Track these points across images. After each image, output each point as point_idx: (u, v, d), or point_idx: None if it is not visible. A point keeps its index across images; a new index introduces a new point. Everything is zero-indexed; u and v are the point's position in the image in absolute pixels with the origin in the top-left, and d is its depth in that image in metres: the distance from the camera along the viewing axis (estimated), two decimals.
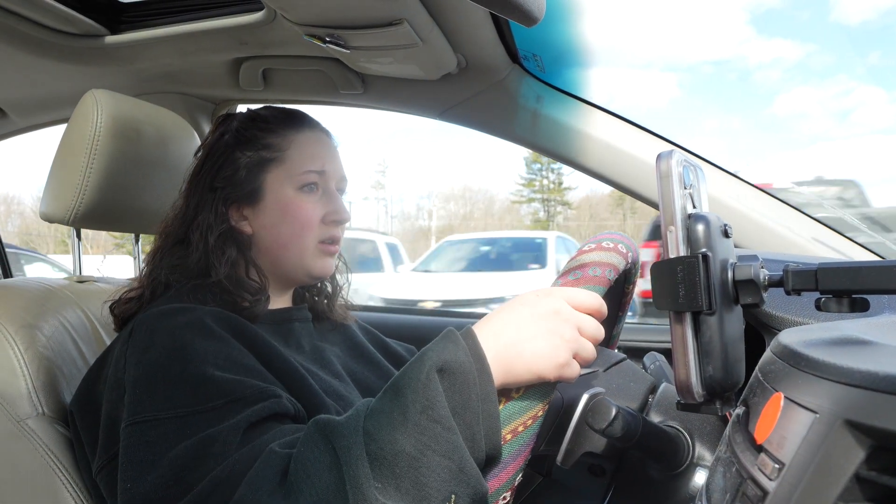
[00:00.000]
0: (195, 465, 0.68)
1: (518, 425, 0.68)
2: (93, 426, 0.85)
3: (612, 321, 0.99)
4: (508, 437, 0.67)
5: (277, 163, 0.99)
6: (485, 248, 8.44)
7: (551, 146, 1.42)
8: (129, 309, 0.97)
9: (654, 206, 1.35)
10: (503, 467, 0.67)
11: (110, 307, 0.99)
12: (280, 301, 1.06)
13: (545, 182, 37.41)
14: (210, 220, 0.96)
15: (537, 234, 9.91)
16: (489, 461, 0.67)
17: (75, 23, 1.33)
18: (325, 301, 1.13)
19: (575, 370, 0.69)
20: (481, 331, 0.69)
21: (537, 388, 0.69)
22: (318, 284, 1.13)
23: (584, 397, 0.78)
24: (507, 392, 0.69)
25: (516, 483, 0.69)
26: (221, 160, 1.00)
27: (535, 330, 0.68)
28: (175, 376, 0.75)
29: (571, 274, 0.76)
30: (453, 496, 0.61)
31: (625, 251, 0.81)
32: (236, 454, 0.69)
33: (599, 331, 0.72)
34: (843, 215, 1.33)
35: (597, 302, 0.72)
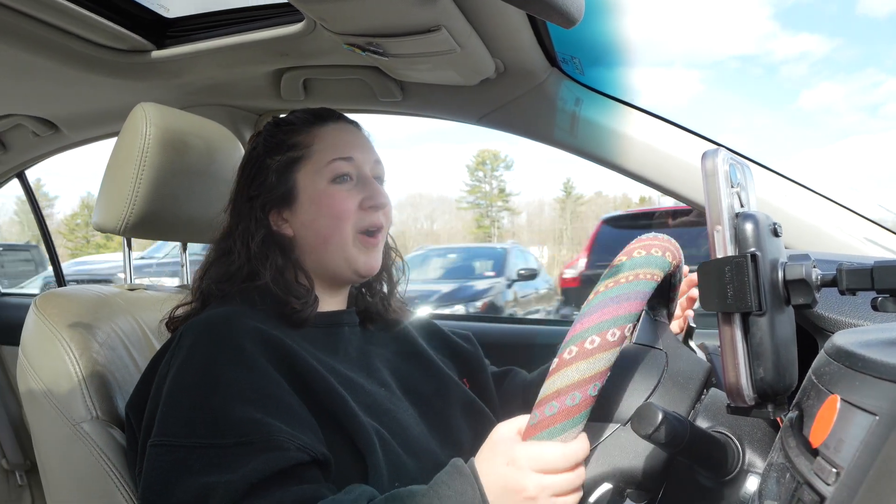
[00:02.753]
0: None
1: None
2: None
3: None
4: None
5: (305, 159, 1.00)
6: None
7: (591, 149, 1.41)
8: (179, 324, 0.99)
9: (700, 207, 1.33)
10: None
11: (166, 325, 1.01)
12: (333, 302, 1.05)
13: (487, 189, 38.65)
14: (251, 228, 0.98)
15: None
16: None
17: (124, 39, 1.37)
18: (381, 301, 1.11)
19: None
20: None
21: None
22: (374, 285, 1.11)
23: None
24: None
25: None
26: (255, 170, 1.02)
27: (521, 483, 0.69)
28: (199, 402, 0.79)
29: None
30: None
31: (671, 255, 0.80)
32: None
33: (575, 487, 0.72)
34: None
35: (569, 459, 0.70)
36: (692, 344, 1.07)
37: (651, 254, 0.74)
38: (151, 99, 1.20)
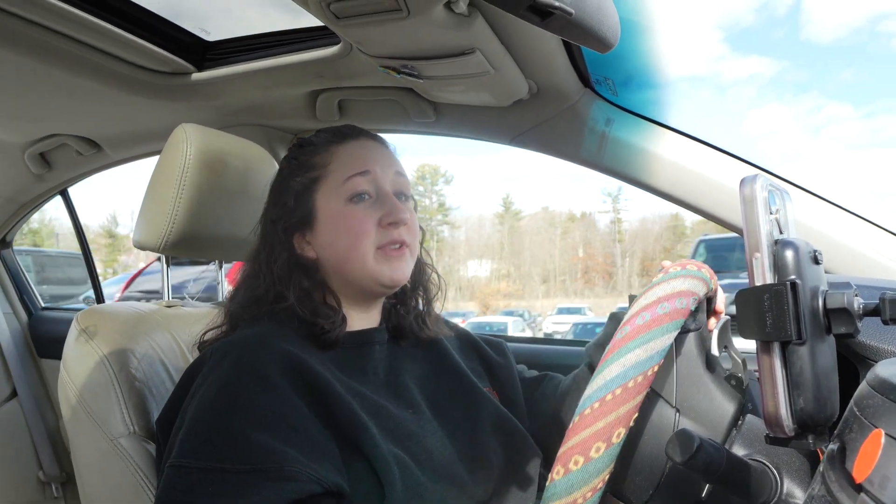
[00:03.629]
0: None
1: (577, 496, 0.68)
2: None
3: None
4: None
5: (322, 180, 0.99)
6: None
7: (624, 170, 1.40)
8: (207, 345, 1.00)
9: (738, 231, 1.31)
10: None
11: (198, 348, 1.02)
12: (364, 319, 1.03)
13: (427, 203, 38.89)
14: (275, 252, 0.98)
15: None
16: None
17: (166, 62, 1.41)
18: (416, 318, 1.08)
19: None
20: None
21: (597, 461, 0.69)
22: (409, 301, 1.09)
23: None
24: (565, 462, 0.69)
25: None
26: (278, 192, 1.02)
27: None
28: (218, 425, 0.79)
29: (640, 317, 0.74)
30: None
31: (704, 280, 0.79)
32: None
33: None
34: None
35: None
36: (732, 353, 1.04)
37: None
38: (191, 119, 1.23)
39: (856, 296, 0.61)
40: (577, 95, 1.38)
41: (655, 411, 0.84)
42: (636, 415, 0.72)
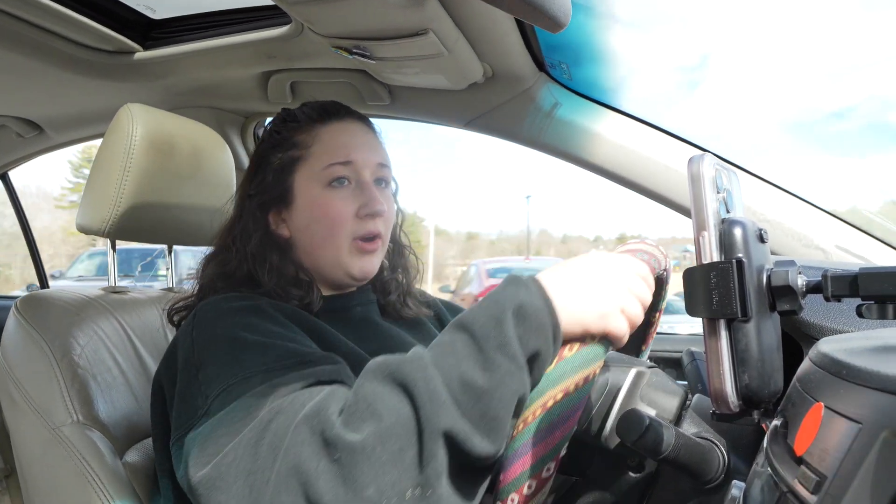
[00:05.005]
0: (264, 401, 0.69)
1: (570, 384, 0.66)
2: (163, 412, 0.85)
3: (641, 335, 0.97)
4: (559, 396, 0.66)
5: (303, 161, 0.97)
6: None
7: (580, 155, 1.41)
8: (185, 316, 0.97)
9: (685, 212, 1.33)
10: (551, 430, 0.65)
11: (169, 317, 0.99)
12: (339, 291, 1.03)
13: None
14: (249, 227, 0.97)
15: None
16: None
17: (109, 40, 1.36)
18: (399, 297, 1.09)
19: (620, 326, 0.68)
20: (544, 280, 0.69)
21: (589, 349, 0.68)
22: (389, 284, 1.09)
23: (631, 373, 0.77)
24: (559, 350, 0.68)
25: (561, 454, 0.66)
26: (257, 166, 1.01)
27: (584, 279, 0.69)
28: (248, 344, 0.76)
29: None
30: (521, 424, 0.63)
31: (661, 255, 0.80)
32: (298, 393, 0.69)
33: (647, 294, 0.72)
34: (879, 221, 1.29)
35: (646, 269, 0.73)
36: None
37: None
38: (138, 100, 1.19)
39: (799, 273, 0.62)
40: (532, 79, 1.38)
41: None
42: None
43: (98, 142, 1.19)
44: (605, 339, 0.69)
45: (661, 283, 0.88)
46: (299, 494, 0.59)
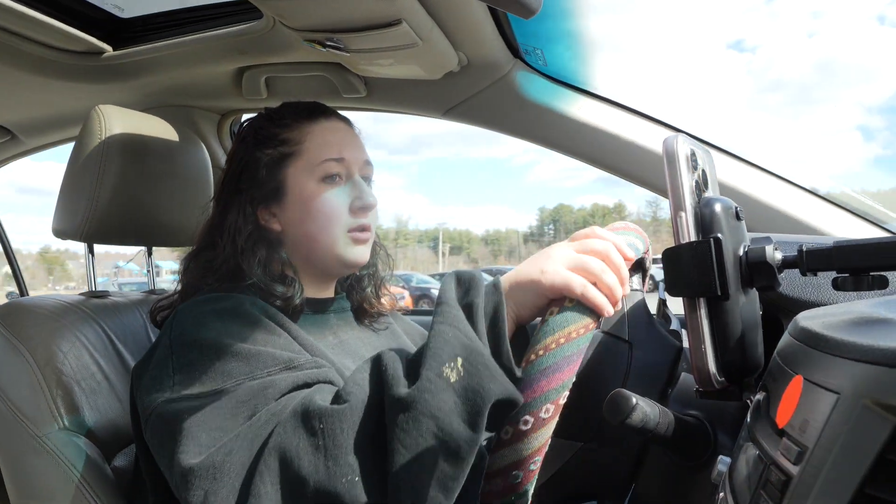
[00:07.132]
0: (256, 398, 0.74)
1: (571, 331, 0.66)
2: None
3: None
4: (562, 341, 0.66)
5: (296, 156, 0.99)
6: None
7: (556, 139, 1.42)
8: (167, 315, 0.96)
9: (662, 192, 1.34)
10: (551, 373, 0.65)
11: (152, 317, 1.00)
12: (321, 292, 1.06)
13: None
14: (238, 223, 0.97)
15: None
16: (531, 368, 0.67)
17: (76, 41, 1.34)
18: (369, 290, 1.13)
19: (598, 298, 0.68)
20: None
21: (568, 311, 0.68)
22: (363, 278, 1.13)
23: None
24: (559, 301, 0.68)
25: (561, 399, 0.66)
26: (244, 162, 1.01)
27: (561, 251, 0.71)
28: (229, 351, 0.78)
29: None
30: (459, 359, 0.64)
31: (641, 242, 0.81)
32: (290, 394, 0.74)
33: (624, 268, 0.71)
34: (852, 194, 1.31)
35: (612, 235, 0.73)
36: (668, 313, 1.08)
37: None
38: (110, 101, 1.17)
39: (776, 249, 0.63)
40: (508, 67, 1.37)
41: (609, 349, 0.86)
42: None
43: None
44: (582, 305, 0.69)
45: (641, 262, 0.89)
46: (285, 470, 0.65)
